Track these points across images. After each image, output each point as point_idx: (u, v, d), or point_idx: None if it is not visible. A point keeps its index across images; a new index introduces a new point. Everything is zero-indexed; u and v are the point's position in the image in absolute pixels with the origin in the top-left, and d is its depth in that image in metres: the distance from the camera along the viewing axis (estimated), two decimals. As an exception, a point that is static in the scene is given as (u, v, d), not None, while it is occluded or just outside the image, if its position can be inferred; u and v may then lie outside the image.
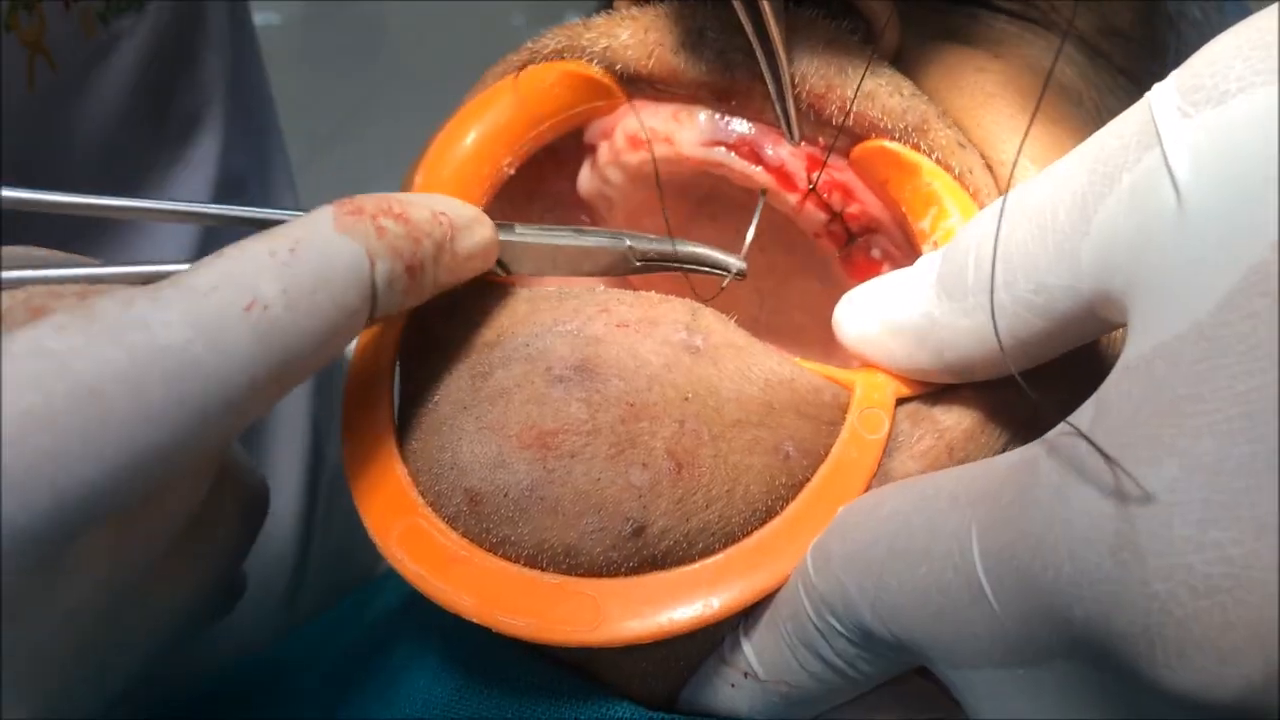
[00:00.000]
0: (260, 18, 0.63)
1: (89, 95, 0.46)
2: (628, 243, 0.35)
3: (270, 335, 0.25)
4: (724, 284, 0.36)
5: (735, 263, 0.35)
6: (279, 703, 0.43)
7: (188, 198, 0.50)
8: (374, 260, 0.28)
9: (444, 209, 0.31)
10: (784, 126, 0.35)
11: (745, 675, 0.31)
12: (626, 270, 0.35)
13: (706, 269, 0.35)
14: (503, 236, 0.34)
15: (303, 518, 0.59)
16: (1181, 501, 0.21)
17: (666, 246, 0.35)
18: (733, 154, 0.36)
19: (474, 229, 0.32)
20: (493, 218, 0.39)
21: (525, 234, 0.34)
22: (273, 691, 0.45)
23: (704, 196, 0.42)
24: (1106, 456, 0.22)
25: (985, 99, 0.36)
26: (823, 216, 0.36)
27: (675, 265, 0.35)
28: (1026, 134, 0.35)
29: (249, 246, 0.26)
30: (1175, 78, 0.24)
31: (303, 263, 0.26)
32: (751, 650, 0.31)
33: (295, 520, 0.59)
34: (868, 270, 0.37)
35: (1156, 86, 0.25)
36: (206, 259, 0.25)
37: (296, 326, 0.25)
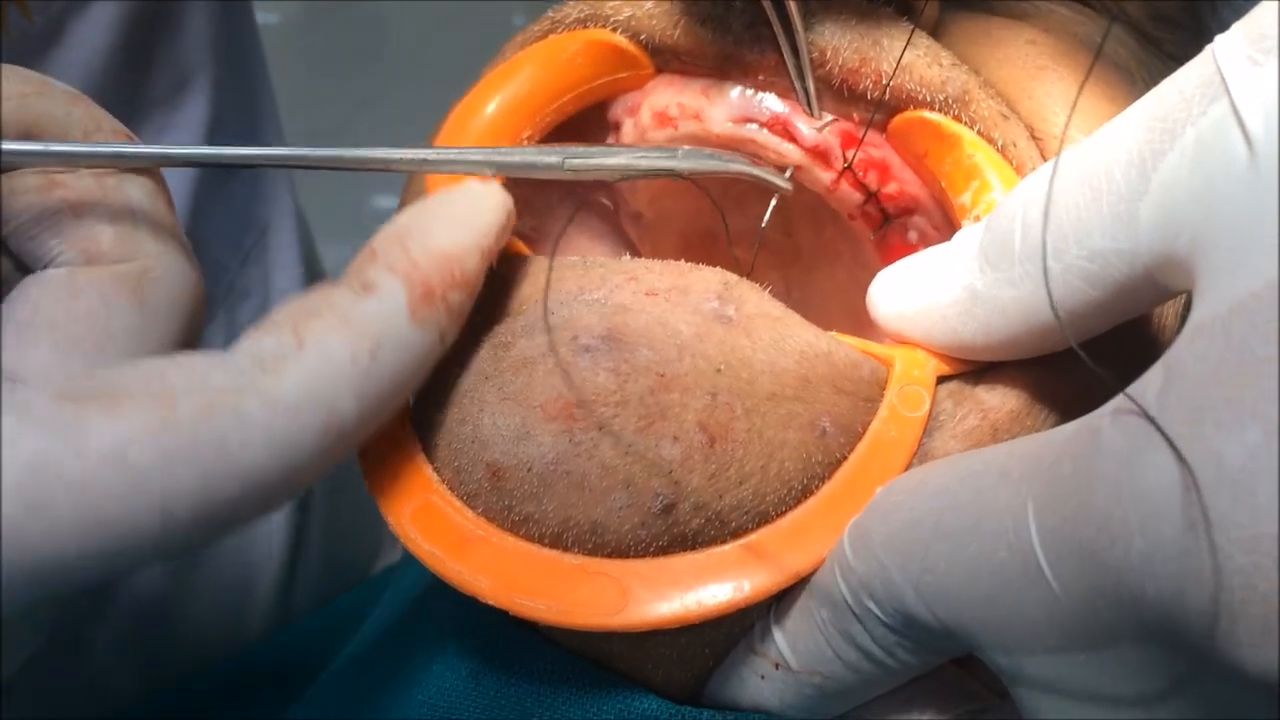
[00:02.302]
0: (260, 17, 0.63)
1: (67, 50, 0.45)
2: (682, 164, 0.33)
3: (339, 442, 0.26)
4: (764, 225, 0.35)
5: (781, 183, 0.34)
6: (287, 699, 0.42)
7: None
8: (444, 338, 0.28)
9: (488, 241, 0.30)
10: (801, 99, 0.34)
11: (776, 666, 0.30)
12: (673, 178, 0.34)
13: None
14: (551, 175, 0.32)
15: (296, 506, 0.58)
16: (1265, 468, 0.19)
17: (716, 163, 0.33)
18: (765, 130, 0.35)
19: (502, 237, 0.31)
20: (513, 194, 0.38)
21: (575, 162, 0.32)
22: (280, 688, 0.43)
23: (729, 182, 0.41)
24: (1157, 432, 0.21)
25: (1036, 71, 0.35)
26: (858, 196, 0.35)
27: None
28: (1075, 103, 0.33)
29: (331, 349, 0.25)
30: (1242, 27, 0.23)
31: (383, 368, 0.26)
32: (784, 638, 0.29)
33: (288, 509, 0.57)
34: (903, 253, 0.35)
35: (1219, 37, 0.24)
36: (285, 347, 0.25)
37: (364, 427, 0.26)
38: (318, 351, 0.25)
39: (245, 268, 0.58)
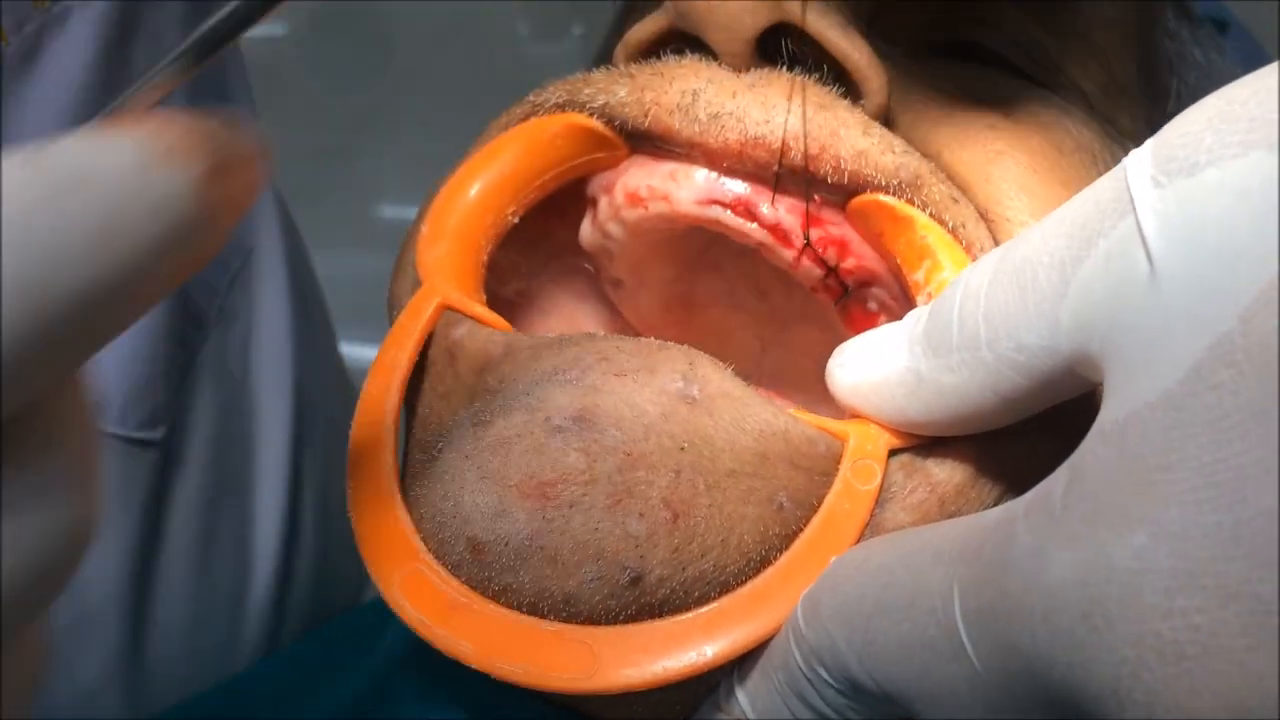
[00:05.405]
0: (265, 29, 0.63)
1: (43, 72, 0.46)
2: None
3: None
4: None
5: None
6: None
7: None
8: None
9: None
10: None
11: (739, 723, 0.32)
12: None
13: None
14: None
15: (285, 520, 0.59)
16: (1149, 569, 0.22)
17: None
18: (728, 212, 0.37)
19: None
20: (499, 266, 0.40)
21: None
22: (268, 713, 0.45)
23: (704, 247, 0.43)
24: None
25: (994, 155, 0.37)
26: (818, 272, 0.37)
27: None
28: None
29: None
30: (1151, 146, 0.25)
31: None
32: (745, 698, 0.32)
33: (278, 522, 0.59)
34: (865, 322, 0.38)
35: (1133, 152, 0.26)
36: None
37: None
38: None
39: (233, 291, 0.60)
